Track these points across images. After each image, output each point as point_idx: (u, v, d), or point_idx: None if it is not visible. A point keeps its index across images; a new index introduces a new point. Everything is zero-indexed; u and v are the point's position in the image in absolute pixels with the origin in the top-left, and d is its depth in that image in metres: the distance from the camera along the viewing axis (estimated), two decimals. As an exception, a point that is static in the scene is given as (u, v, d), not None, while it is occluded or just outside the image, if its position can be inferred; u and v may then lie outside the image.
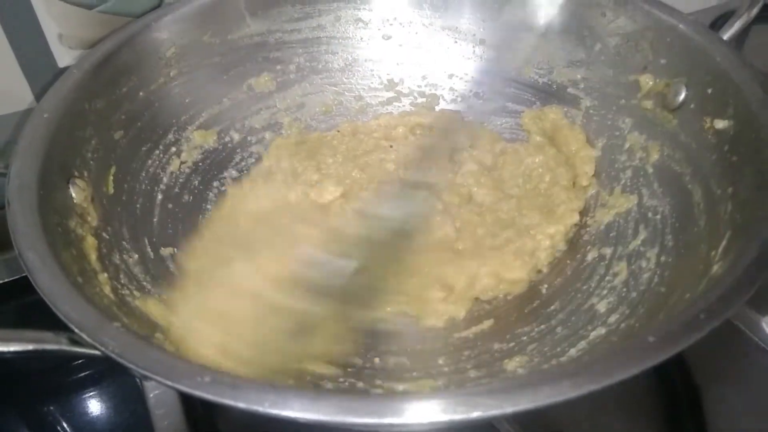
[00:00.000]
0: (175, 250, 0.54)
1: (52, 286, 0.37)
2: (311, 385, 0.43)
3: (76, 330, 0.35)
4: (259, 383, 0.32)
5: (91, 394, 0.58)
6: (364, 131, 0.67)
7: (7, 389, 0.58)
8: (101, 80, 0.55)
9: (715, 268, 0.41)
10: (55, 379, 0.59)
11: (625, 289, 0.50)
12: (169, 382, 0.32)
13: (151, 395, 0.48)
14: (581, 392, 0.31)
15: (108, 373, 0.59)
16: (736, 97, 0.49)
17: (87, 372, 0.59)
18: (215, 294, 0.50)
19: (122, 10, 0.61)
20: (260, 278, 0.51)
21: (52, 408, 0.57)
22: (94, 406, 0.57)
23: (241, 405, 0.31)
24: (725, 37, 0.54)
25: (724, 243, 0.43)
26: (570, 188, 0.60)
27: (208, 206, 0.61)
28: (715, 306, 0.35)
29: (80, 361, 0.60)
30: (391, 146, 0.66)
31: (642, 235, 0.53)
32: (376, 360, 0.48)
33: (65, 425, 0.56)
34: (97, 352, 0.35)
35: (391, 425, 0.31)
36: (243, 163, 0.65)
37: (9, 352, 0.34)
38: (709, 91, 0.52)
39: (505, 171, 0.63)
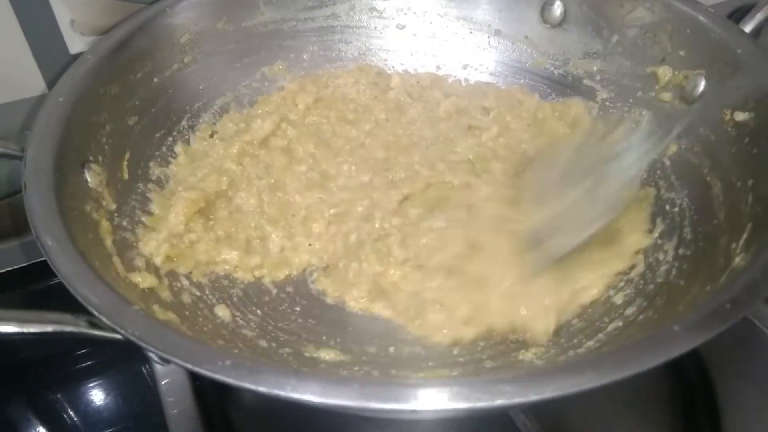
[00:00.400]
0: None
1: (70, 269, 0.37)
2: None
3: (96, 313, 0.34)
4: (280, 368, 0.31)
5: (98, 382, 0.58)
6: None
7: (15, 377, 0.58)
8: (116, 66, 0.54)
9: (737, 260, 0.41)
10: (62, 367, 0.59)
11: (642, 282, 0.49)
12: (189, 366, 0.32)
13: (163, 383, 0.48)
14: (606, 381, 0.31)
15: (115, 362, 0.59)
16: (757, 89, 0.49)
17: (94, 360, 0.59)
18: None
19: (136, -4, 0.60)
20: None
21: (59, 396, 0.57)
22: (101, 394, 0.58)
23: (262, 389, 0.31)
24: (746, 29, 0.54)
25: (745, 235, 0.43)
26: None
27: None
28: (741, 296, 0.35)
29: (87, 350, 0.60)
30: None
31: (659, 227, 0.53)
32: (391, 349, 0.48)
33: (72, 413, 0.56)
34: (117, 336, 0.34)
35: (414, 411, 0.30)
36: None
37: (29, 333, 0.34)
38: (729, 83, 0.52)
39: None
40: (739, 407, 0.51)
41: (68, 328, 0.35)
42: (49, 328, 0.34)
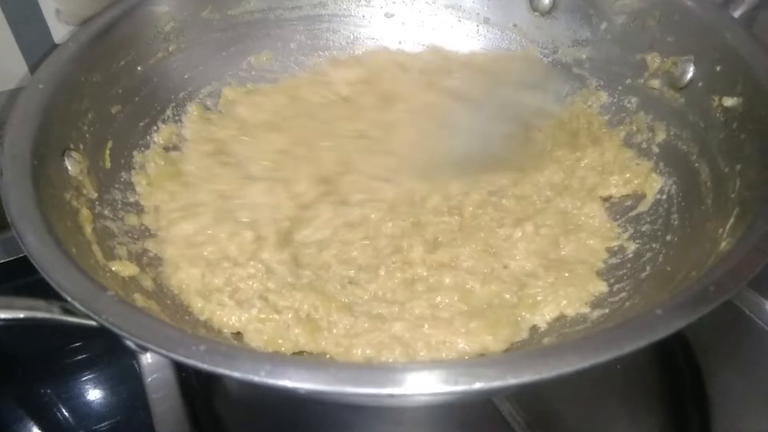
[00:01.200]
0: None
1: (44, 254, 0.36)
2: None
3: (69, 298, 0.34)
4: (255, 353, 0.31)
5: (88, 377, 0.58)
6: None
7: (4, 372, 0.58)
8: (98, 53, 0.54)
9: (723, 244, 0.41)
10: (52, 362, 0.59)
11: (629, 268, 0.49)
12: (163, 351, 0.31)
13: (149, 378, 0.47)
14: (586, 364, 0.30)
15: (105, 357, 0.58)
16: (746, 74, 0.48)
17: (84, 355, 0.59)
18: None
19: (121, -14, 0.60)
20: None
21: (49, 391, 0.57)
22: (91, 389, 0.57)
23: (236, 375, 0.30)
24: (736, 14, 0.53)
25: (731, 221, 0.43)
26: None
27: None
28: (725, 280, 0.34)
29: (77, 344, 0.60)
30: None
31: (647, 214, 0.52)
32: None
33: (62, 408, 0.56)
34: (90, 322, 0.34)
35: (391, 395, 0.30)
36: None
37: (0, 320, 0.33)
38: (718, 68, 0.51)
39: None
40: (727, 394, 0.51)
41: (40, 314, 0.34)
42: (21, 315, 0.34)
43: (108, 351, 0.59)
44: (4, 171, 0.41)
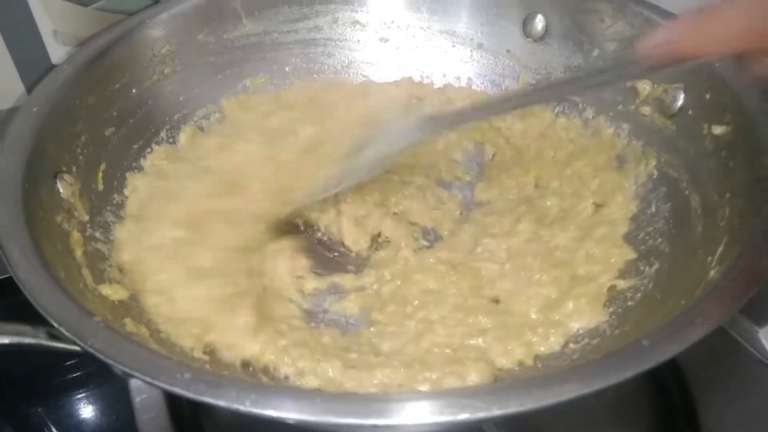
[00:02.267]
0: None
1: (32, 279, 0.37)
2: None
3: (55, 324, 0.34)
4: (240, 382, 0.31)
5: (78, 396, 0.57)
6: None
7: (-5, 391, 0.57)
8: (93, 76, 0.54)
9: (712, 273, 0.41)
10: (42, 381, 0.58)
11: (620, 296, 0.49)
12: (148, 379, 0.31)
13: (138, 399, 0.47)
14: (572, 395, 0.30)
15: (95, 376, 0.58)
16: (734, 103, 0.49)
17: (74, 374, 0.58)
18: None
19: (118, 8, 0.61)
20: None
21: (39, 410, 0.56)
22: (81, 408, 0.57)
23: (222, 403, 0.30)
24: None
25: (720, 249, 0.43)
26: None
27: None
28: (712, 310, 0.34)
29: (68, 363, 0.59)
30: None
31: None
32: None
33: (52, 427, 0.55)
34: (76, 348, 0.34)
35: (375, 426, 0.30)
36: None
37: (-16, 345, 0.33)
38: (707, 96, 0.51)
39: None
40: (720, 422, 0.50)
41: (27, 340, 0.34)
42: (6, 340, 0.34)
43: (99, 371, 0.59)
44: (-5, 195, 0.41)
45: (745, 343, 0.53)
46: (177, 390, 0.31)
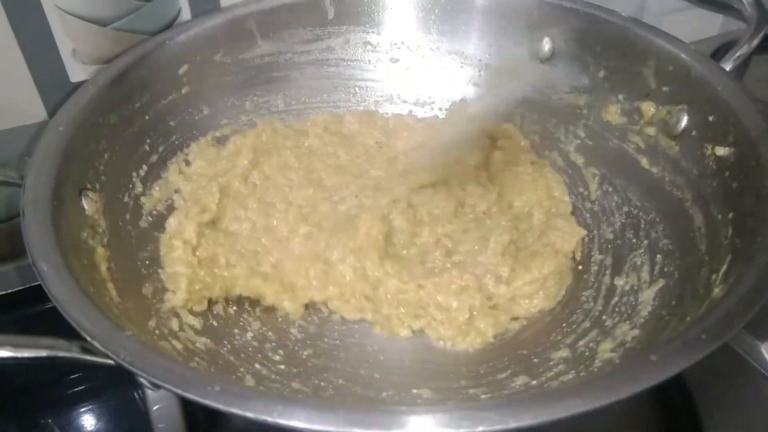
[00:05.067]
0: None
1: (65, 294, 0.38)
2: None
3: (89, 338, 0.35)
4: (268, 394, 0.32)
5: (90, 407, 0.58)
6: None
7: (6, 401, 0.58)
8: (115, 96, 0.56)
9: (716, 291, 0.42)
10: (53, 392, 0.59)
11: (626, 313, 0.50)
12: (179, 391, 0.32)
13: (154, 408, 0.48)
14: (585, 408, 0.32)
15: (106, 387, 0.59)
16: (737, 125, 0.50)
17: (85, 385, 0.59)
18: None
19: (136, 28, 0.62)
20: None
21: (50, 421, 0.57)
22: (92, 419, 0.57)
23: (250, 415, 0.32)
24: (727, 66, 0.56)
25: (724, 267, 0.44)
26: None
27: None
28: (716, 327, 0.36)
29: (78, 375, 0.60)
30: None
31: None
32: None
33: (63, 438, 0.56)
34: (109, 361, 0.35)
35: (397, 437, 0.31)
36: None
37: (23, 358, 0.35)
38: (711, 118, 0.53)
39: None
40: (723, 435, 0.51)
41: (61, 353, 0.36)
42: (43, 353, 0.35)
43: (110, 382, 0.59)
44: (26, 212, 0.43)
45: (748, 357, 0.54)
46: (207, 402, 0.32)
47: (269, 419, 0.31)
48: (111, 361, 0.34)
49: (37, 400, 0.59)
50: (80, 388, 0.59)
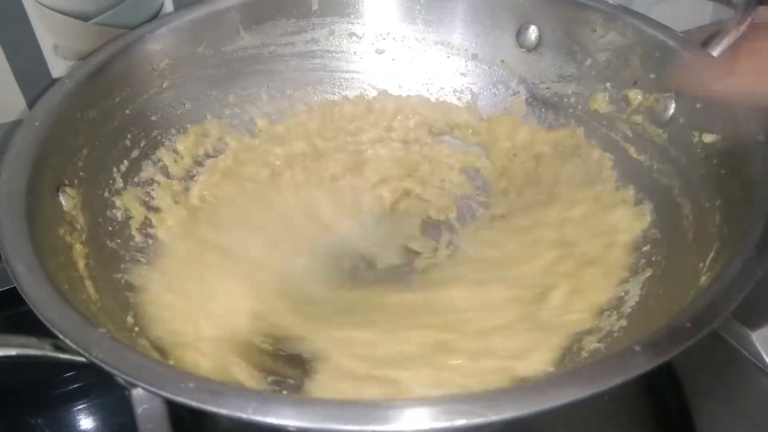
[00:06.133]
0: None
1: (36, 291, 0.37)
2: None
3: (60, 335, 0.34)
4: (242, 390, 0.31)
5: (80, 407, 0.57)
6: None
7: (-6, 402, 0.57)
8: (94, 90, 0.55)
9: (703, 279, 0.42)
10: (43, 392, 0.59)
11: (614, 304, 0.50)
12: (152, 388, 0.32)
13: (140, 409, 0.47)
14: (567, 400, 0.31)
15: (96, 387, 0.58)
16: (724, 112, 0.50)
17: (75, 385, 0.59)
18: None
19: (118, 22, 0.61)
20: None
21: (39, 420, 0.56)
22: (82, 419, 0.57)
23: (224, 411, 0.31)
24: (714, 53, 0.55)
25: (711, 255, 0.44)
26: None
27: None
28: (702, 316, 0.35)
29: (69, 374, 0.60)
30: None
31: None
32: None
33: (53, 438, 0.56)
34: (81, 359, 0.34)
35: (375, 433, 0.30)
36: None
37: (-7, 357, 0.34)
38: (698, 105, 0.52)
39: None
40: (714, 426, 0.51)
41: (32, 352, 0.35)
42: (13, 352, 0.34)
43: (99, 382, 0.59)
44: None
45: (739, 346, 0.54)
46: (181, 399, 0.31)
47: (243, 416, 0.30)
48: (83, 359, 0.34)
49: (27, 399, 0.58)
50: (70, 387, 0.59)
